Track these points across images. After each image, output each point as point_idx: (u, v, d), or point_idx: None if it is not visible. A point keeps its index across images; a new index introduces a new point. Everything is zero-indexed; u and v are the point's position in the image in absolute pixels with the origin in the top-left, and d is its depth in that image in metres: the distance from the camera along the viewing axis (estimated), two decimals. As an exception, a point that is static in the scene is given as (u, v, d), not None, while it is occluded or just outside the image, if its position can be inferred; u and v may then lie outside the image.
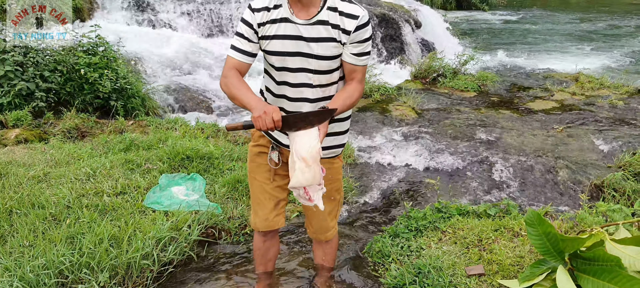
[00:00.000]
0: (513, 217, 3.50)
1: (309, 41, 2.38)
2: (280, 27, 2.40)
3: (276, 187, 2.79)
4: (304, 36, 2.38)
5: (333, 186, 2.78)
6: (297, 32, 2.38)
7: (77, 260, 3.11)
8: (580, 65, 10.99)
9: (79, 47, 6.67)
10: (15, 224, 3.55)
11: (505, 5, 26.37)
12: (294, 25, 2.38)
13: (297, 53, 2.41)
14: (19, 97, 5.97)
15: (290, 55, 2.42)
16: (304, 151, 2.30)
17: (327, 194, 2.74)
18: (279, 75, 2.49)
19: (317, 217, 2.87)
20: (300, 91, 2.49)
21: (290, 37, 2.39)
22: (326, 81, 2.49)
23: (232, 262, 3.55)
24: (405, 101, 7.40)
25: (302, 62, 2.42)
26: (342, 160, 2.83)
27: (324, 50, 2.40)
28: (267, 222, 2.84)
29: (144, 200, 3.99)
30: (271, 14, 2.40)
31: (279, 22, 2.40)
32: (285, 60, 2.43)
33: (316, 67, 2.43)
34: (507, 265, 2.96)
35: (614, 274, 2.40)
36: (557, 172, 5.22)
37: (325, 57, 2.42)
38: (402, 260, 3.22)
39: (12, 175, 4.27)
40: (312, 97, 2.50)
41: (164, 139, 5.30)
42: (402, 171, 5.32)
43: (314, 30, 2.38)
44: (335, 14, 2.38)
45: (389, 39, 11.66)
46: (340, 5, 2.39)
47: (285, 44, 2.41)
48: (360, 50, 2.43)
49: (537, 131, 6.32)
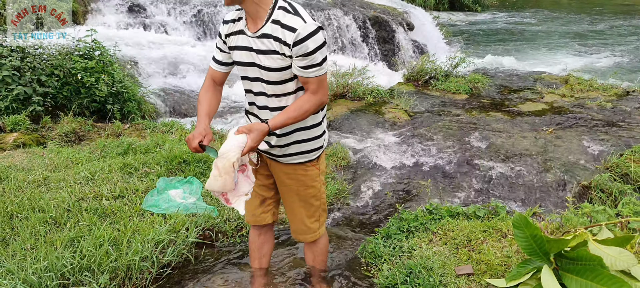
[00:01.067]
0: (501, 218, 3.61)
1: (257, 53, 2.50)
2: (238, 38, 2.56)
3: (260, 185, 2.94)
4: (253, 48, 2.51)
5: (309, 192, 2.86)
6: (248, 43, 2.52)
7: (78, 263, 3.20)
8: (570, 66, 11.15)
9: (75, 51, 6.75)
10: (16, 228, 3.63)
11: (498, 5, 26.53)
12: (246, 37, 2.52)
13: (251, 64, 2.55)
14: (17, 101, 6.04)
15: (247, 66, 2.57)
16: (219, 161, 2.47)
17: (303, 199, 2.88)
18: (245, 84, 2.67)
19: (294, 218, 2.98)
20: (261, 99, 2.63)
21: (244, 48, 2.54)
22: (280, 91, 2.57)
23: (228, 264, 3.63)
24: (398, 104, 7.51)
25: (256, 72, 2.55)
26: (319, 167, 2.86)
27: (270, 63, 2.47)
28: (254, 217, 3.03)
29: (142, 204, 4.07)
30: (235, 25, 2.58)
31: (237, 34, 2.56)
32: (245, 70, 2.60)
33: (267, 78, 2.53)
34: (495, 265, 3.07)
35: (596, 273, 2.51)
36: (546, 174, 5.34)
37: (273, 69, 2.49)
38: (394, 261, 3.32)
39: (12, 179, 4.35)
40: (271, 106, 2.61)
41: (161, 143, 5.39)
42: (394, 173, 5.42)
43: (260, 43, 2.48)
44: (277, 27, 2.42)
45: (382, 41, 11.78)
46: (283, 18, 2.41)
47: (242, 54, 2.56)
48: (307, 63, 2.43)
49: (526, 133, 6.44)
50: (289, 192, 2.89)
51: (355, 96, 7.84)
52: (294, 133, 2.68)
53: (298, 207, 2.92)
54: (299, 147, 2.73)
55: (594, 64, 12.97)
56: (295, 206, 2.92)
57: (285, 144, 2.70)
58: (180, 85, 8.69)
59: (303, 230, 3.00)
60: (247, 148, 2.45)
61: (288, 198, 2.92)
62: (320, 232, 3.06)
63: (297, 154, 2.75)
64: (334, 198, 4.80)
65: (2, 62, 6.04)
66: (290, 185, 2.85)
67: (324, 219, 3.07)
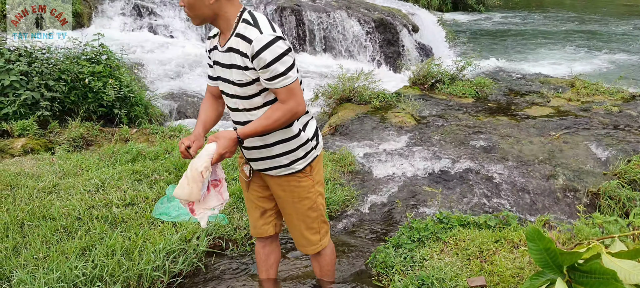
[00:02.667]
0: (513, 228, 3.61)
1: (225, 67, 2.54)
2: (214, 54, 2.62)
3: (259, 197, 2.94)
4: (221, 63, 2.55)
5: (304, 204, 2.83)
6: (219, 58, 2.56)
7: (91, 273, 3.21)
8: (576, 68, 11.11)
9: (83, 55, 6.76)
10: (27, 236, 3.65)
11: (501, 6, 26.50)
12: (219, 53, 2.56)
13: (223, 79, 2.59)
14: (25, 106, 6.06)
15: (221, 80, 2.62)
16: (189, 169, 2.48)
17: (299, 211, 2.85)
18: (225, 99, 2.71)
19: (294, 231, 2.97)
20: (235, 115, 2.67)
21: (217, 63, 2.60)
22: (249, 106, 2.56)
23: (239, 273, 3.64)
24: (404, 108, 7.51)
25: (226, 87, 2.60)
26: (313, 178, 2.81)
27: (236, 77, 2.49)
28: (256, 229, 3.04)
29: (153, 211, 4.08)
30: (212, 42, 2.66)
31: (213, 50, 2.62)
32: (220, 84, 2.65)
33: (235, 92, 2.55)
34: (507, 277, 3.07)
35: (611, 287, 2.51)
36: (555, 180, 5.34)
37: (241, 84, 2.49)
38: (406, 271, 3.33)
39: (22, 187, 4.36)
40: (242, 120, 2.62)
41: (169, 149, 5.40)
42: (402, 179, 5.42)
43: (226, 57, 2.51)
44: (239, 40, 2.42)
45: (387, 43, 11.78)
46: (244, 31, 2.41)
47: (216, 69, 2.63)
48: (270, 75, 2.39)
49: (534, 138, 6.43)
50: (284, 205, 2.88)
51: (361, 100, 7.84)
52: (274, 146, 2.65)
53: (295, 220, 2.90)
54: (281, 161, 2.70)
55: (599, 65, 12.95)
56: (293, 218, 2.90)
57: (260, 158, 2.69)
58: (186, 88, 8.71)
59: (303, 243, 2.98)
60: (216, 156, 2.45)
61: (285, 210, 2.92)
62: (323, 243, 3.01)
63: (281, 167, 2.72)
64: (342, 205, 4.80)
65: (10, 67, 6.06)
66: (285, 198, 2.83)
67: (326, 230, 3.02)
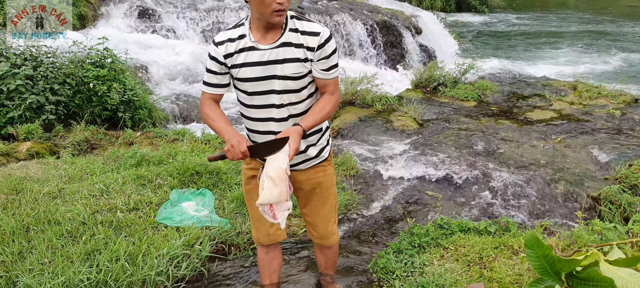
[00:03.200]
0: (513, 234, 3.64)
1: (276, 63, 2.55)
2: (248, 55, 2.58)
3: None
4: (271, 60, 2.55)
5: (330, 192, 2.98)
6: (264, 57, 2.56)
7: (95, 278, 3.26)
8: (578, 70, 11.12)
9: (87, 59, 6.81)
10: (33, 241, 3.69)
11: (505, 7, 26.47)
12: (259, 52, 2.56)
13: (266, 77, 2.58)
14: (30, 110, 6.12)
15: (260, 80, 2.59)
16: (271, 171, 2.48)
17: (327, 201, 2.98)
18: (250, 99, 2.66)
19: (320, 224, 3.04)
20: (268, 112, 2.66)
21: (258, 63, 2.57)
22: (296, 99, 2.65)
23: (242, 277, 3.69)
24: (407, 111, 7.54)
25: (271, 84, 2.59)
26: (332, 164, 2.98)
27: (291, 71, 2.56)
28: (269, 236, 3.05)
29: (156, 216, 4.13)
30: (237, 44, 2.59)
31: (246, 50, 2.58)
32: (255, 85, 2.60)
33: (284, 87, 2.59)
34: (506, 283, 3.10)
35: (608, 295, 2.54)
36: (556, 184, 5.36)
37: (293, 77, 2.58)
38: (406, 277, 3.36)
39: (27, 191, 4.41)
40: (278, 117, 2.66)
41: (173, 154, 5.45)
42: (404, 183, 5.46)
43: (280, 53, 2.54)
44: (297, 35, 2.55)
45: (390, 46, 11.80)
46: (301, 26, 2.56)
47: (254, 70, 2.58)
48: (328, 65, 2.59)
49: (535, 142, 6.46)
50: (313, 198, 2.96)
51: (364, 103, 7.88)
52: (309, 137, 2.75)
53: (323, 211, 3.01)
54: (313, 151, 2.81)
55: (601, 68, 12.95)
56: (321, 210, 3.01)
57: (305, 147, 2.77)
58: (190, 91, 8.75)
59: (327, 234, 3.09)
60: (293, 152, 2.51)
61: (313, 204, 2.99)
62: (338, 234, 3.19)
63: (312, 158, 2.82)
64: (344, 209, 4.84)
65: (16, 71, 6.11)
66: (313, 191, 2.93)
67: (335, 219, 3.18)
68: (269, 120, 2.67)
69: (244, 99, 2.69)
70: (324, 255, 3.29)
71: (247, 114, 2.72)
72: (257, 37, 2.56)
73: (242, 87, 2.65)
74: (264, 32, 2.56)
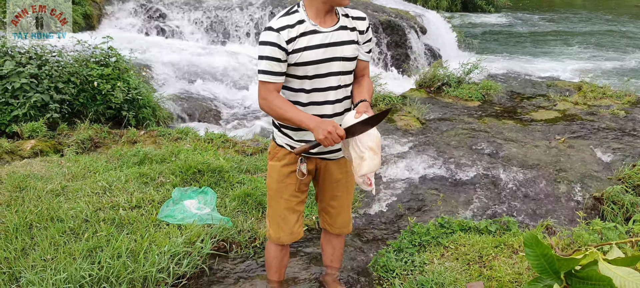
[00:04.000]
0: (513, 233, 3.64)
1: (337, 45, 2.68)
2: (311, 38, 2.63)
3: (299, 202, 3.02)
4: (332, 42, 2.67)
5: (352, 181, 3.05)
6: (326, 39, 2.66)
7: (97, 274, 3.28)
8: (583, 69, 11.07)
9: (92, 58, 6.85)
10: (35, 238, 3.72)
11: (511, 6, 26.39)
12: (322, 35, 2.65)
13: (328, 59, 2.67)
14: (34, 108, 6.15)
15: (322, 62, 2.67)
16: (370, 141, 2.60)
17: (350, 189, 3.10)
18: (310, 84, 2.71)
19: (343, 212, 3.14)
20: (326, 95, 2.73)
21: (321, 45, 2.65)
22: (349, 81, 2.80)
23: (242, 274, 3.70)
24: (410, 111, 7.54)
25: (332, 66, 2.69)
26: None
27: (348, 52, 2.72)
28: (292, 235, 3.06)
29: (158, 214, 4.15)
30: (297, 29, 2.62)
31: (309, 34, 2.63)
32: (317, 67, 2.67)
33: (343, 68, 2.72)
34: (506, 282, 3.10)
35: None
36: (558, 184, 5.35)
37: (350, 59, 2.74)
38: (406, 276, 3.37)
39: (31, 189, 4.44)
40: (334, 99, 2.75)
41: (176, 153, 5.47)
42: (406, 182, 5.46)
43: (339, 35, 2.68)
44: (349, 19, 2.74)
45: (395, 45, 11.78)
46: (350, 11, 2.77)
47: (316, 52, 2.64)
48: (369, 48, 2.84)
49: (539, 142, 6.45)
50: (340, 188, 3.04)
51: (368, 103, 7.87)
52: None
53: (346, 200, 3.12)
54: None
55: (608, 67, 12.88)
56: (345, 199, 3.11)
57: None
58: (194, 91, 8.78)
59: (349, 221, 3.21)
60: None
61: (339, 194, 3.07)
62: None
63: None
64: (346, 208, 4.84)
65: (21, 69, 6.15)
66: (341, 180, 3.02)
67: None
68: (325, 103, 2.74)
69: (302, 84, 2.72)
70: (332, 246, 3.34)
71: (303, 99, 2.74)
72: (317, 21, 2.65)
73: (302, 72, 2.67)
74: (323, 16, 2.65)
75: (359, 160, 2.61)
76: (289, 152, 2.87)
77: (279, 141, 2.92)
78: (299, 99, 2.74)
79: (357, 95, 2.79)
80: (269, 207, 3.08)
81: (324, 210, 3.18)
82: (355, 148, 2.64)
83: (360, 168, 2.61)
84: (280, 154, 2.91)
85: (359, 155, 2.62)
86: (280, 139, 2.90)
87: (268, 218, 3.11)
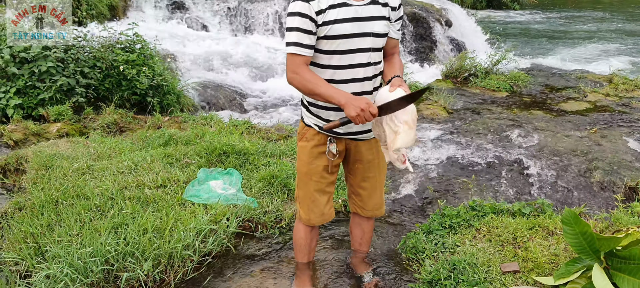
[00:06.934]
0: (548, 216, 3.52)
1: (368, 20, 2.56)
2: (340, 11, 2.51)
3: (329, 183, 2.95)
4: (363, 16, 2.54)
5: (384, 162, 2.97)
6: (356, 13, 2.53)
7: (123, 249, 3.24)
8: (614, 65, 10.82)
9: (117, 44, 6.86)
10: (61, 214, 3.70)
11: (537, 4, 26.03)
12: (352, 8, 2.53)
13: (358, 34, 2.56)
14: (60, 92, 6.17)
15: (353, 37, 2.55)
16: (405, 115, 2.49)
17: (382, 170, 3.00)
18: (339, 59, 2.59)
19: (375, 194, 3.05)
20: (355, 72, 2.61)
21: (351, 19, 2.53)
22: (379, 58, 2.68)
23: (268, 254, 3.64)
24: (437, 100, 7.42)
25: (362, 42, 2.58)
26: None
27: (379, 28, 2.59)
28: (323, 216, 2.99)
29: (184, 193, 4.11)
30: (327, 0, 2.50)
31: (338, 7, 2.51)
32: (347, 42, 2.56)
33: (373, 45, 2.60)
34: (542, 263, 2.99)
35: (650, 273, 2.43)
36: (591, 173, 5.20)
37: (381, 35, 2.61)
38: (436, 257, 3.27)
39: (57, 168, 4.44)
40: (363, 76, 2.64)
41: (201, 135, 5.43)
42: (433, 169, 5.35)
43: (370, 10, 2.56)
44: None
45: (420, 38, 11.65)
46: None
47: (346, 26, 2.53)
48: (401, 24, 2.73)
49: (570, 132, 6.29)
50: (371, 168, 2.95)
51: (393, 92, 7.77)
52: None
53: (378, 182, 3.03)
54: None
55: (638, 61, 12.58)
56: (377, 180, 3.01)
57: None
58: (218, 80, 8.76)
59: (381, 203, 3.12)
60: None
61: (371, 175, 2.97)
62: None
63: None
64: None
65: (47, 53, 6.17)
66: (373, 160, 2.92)
67: None
68: (352, 81, 2.62)
69: (331, 60, 2.59)
70: (362, 230, 3.27)
71: (330, 76, 2.61)
72: None
73: (332, 47, 2.56)
74: None
75: (393, 135, 2.50)
76: (317, 132, 2.80)
77: (307, 121, 2.84)
78: (328, 76, 2.61)
79: (389, 71, 2.71)
80: (298, 189, 2.99)
81: (354, 193, 3.09)
82: (389, 124, 2.53)
83: (394, 143, 2.50)
84: (308, 134, 2.83)
85: (393, 130, 2.51)
86: (308, 118, 2.82)
87: (298, 199, 3.03)
